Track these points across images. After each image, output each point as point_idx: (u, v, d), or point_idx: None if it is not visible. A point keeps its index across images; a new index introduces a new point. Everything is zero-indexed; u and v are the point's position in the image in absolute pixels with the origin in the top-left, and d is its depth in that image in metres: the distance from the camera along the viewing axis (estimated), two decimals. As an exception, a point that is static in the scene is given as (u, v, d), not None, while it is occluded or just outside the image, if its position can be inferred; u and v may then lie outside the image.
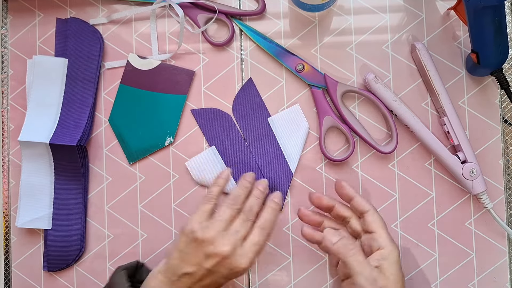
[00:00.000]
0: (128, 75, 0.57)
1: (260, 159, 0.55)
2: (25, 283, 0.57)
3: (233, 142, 0.55)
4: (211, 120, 0.55)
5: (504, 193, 0.54)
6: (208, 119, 0.55)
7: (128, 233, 0.57)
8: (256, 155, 0.55)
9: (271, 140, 0.55)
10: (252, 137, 0.55)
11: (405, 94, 0.55)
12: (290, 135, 0.54)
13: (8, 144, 0.58)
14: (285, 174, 0.54)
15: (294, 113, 0.54)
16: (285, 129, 0.54)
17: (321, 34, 0.56)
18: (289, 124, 0.54)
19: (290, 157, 0.54)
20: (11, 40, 0.59)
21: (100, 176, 0.57)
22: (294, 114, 0.54)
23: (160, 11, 0.57)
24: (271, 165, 0.54)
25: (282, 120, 0.54)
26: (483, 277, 0.54)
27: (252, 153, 0.55)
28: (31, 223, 0.56)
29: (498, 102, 0.54)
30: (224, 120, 0.55)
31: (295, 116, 0.54)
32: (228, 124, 0.55)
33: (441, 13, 0.55)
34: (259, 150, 0.55)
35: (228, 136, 0.55)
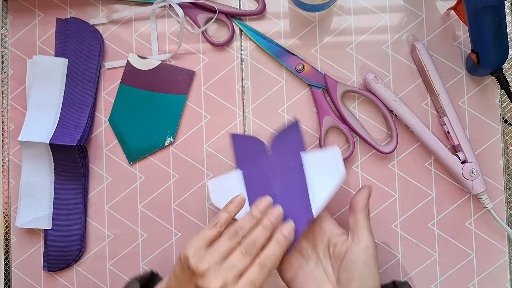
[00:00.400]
0: (128, 75, 0.57)
1: (282, 191, 0.48)
2: (25, 283, 0.57)
3: (261, 168, 0.50)
4: (246, 145, 0.51)
5: (504, 193, 0.54)
6: (244, 143, 0.52)
7: (128, 233, 0.57)
8: (280, 187, 0.49)
9: (300, 176, 0.48)
10: (280, 168, 0.49)
11: (405, 94, 0.55)
12: (321, 177, 0.48)
13: (8, 144, 0.58)
14: (305, 214, 0.46)
15: (332, 157, 0.48)
16: (318, 170, 0.48)
17: (321, 34, 0.56)
18: (324, 166, 0.48)
19: (315, 199, 0.47)
20: (11, 40, 0.59)
21: (100, 176, 0.57)
22: (333, 158, 0.48)
23: (160, 11, 0.57)
24: (292, 200, 0.48)
25: (317, 159, 0.49)
26: (483, 277, 0.54)
27: (276, 184, 0.49)
28: (31, 223, 0.56)
29: (498, 102, 0.54)
30: (257, 146, 0.51)
31: (333, 161, 0.48)
32: (260, 150, 0.51)
33: (441, 13, 0.55)
34: (284, 182, 0.49)
35: (256, 162, 0.50)
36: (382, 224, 0.55)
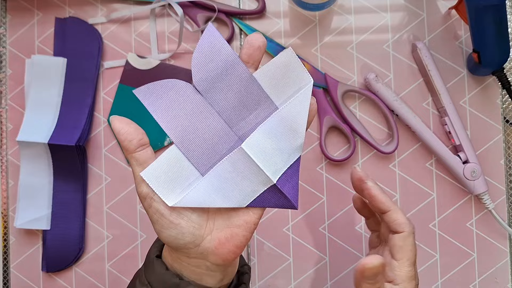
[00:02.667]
0: (127, 74, 0.56)
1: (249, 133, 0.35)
2: (24, 284, 0.57)
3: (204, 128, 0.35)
4: (164, 97, 0.34)
5: (505, 194, 0.54)
6: (159, 97, 0.34)
7: (127, 233, 0.56)
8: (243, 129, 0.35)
9: (266, 107, 0.35)
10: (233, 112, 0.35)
11: (406, 94, 0.54)
12: (288, 94, 0.35)
13: (6, 144, 0.58)
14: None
15: (287, 62, 0.35)
16: (280, 87, 0.35)
17: (321, 33, 0.56)
18: (284, 79, 0.35)
19: (296, 123, 0.35)
20: (9, 40, 0.58)
21: (99, 176, 0.57)
22: (288, 63, 0.35)
23: (159, 10, 0.57)
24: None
25: (271, 73, 0.35)
26: (484, 278, 0.54)
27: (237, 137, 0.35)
28: (29, 223, 0.56)
29: (500, 102, 0.54)
30: (181, 94, 0.34)
31: (290, 64, 0.35)
32: (188, 99, 0.34)
33: (442, 13, 0.55)
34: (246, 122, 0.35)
35: (192, 120, 0.34)
36: (382, 224, 0.54)
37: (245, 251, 0.55)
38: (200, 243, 0.35)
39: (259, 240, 0.55)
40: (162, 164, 0.34)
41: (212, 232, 0.35)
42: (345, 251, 0.55)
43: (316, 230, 0.55)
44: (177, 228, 0.34)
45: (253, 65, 0.35)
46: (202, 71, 0.34)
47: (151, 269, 0.37)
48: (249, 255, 0.55)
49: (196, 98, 0.34)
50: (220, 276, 0.37)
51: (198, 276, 0.36)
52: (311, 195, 0.55)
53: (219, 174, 0.34)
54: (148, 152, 0.34)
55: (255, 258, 0.55)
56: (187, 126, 0.34)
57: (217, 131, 0.35)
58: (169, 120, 0.34)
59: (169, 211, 0.34)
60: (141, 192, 0.34)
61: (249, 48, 0.34)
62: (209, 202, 0.34)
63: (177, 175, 0.34)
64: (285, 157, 0.35)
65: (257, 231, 0.55)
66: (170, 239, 0.34)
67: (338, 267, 0.55)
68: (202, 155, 0.35)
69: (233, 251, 0.35)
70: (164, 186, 0.34)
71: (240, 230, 0.35)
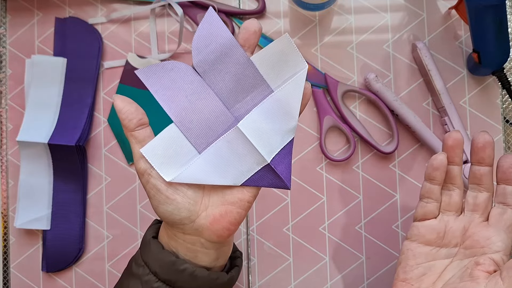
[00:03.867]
0: (127, 74, 0.56)
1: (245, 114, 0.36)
2: (24, 284, 0.57)
3: (202, 108, 0.36)
4: (165, 78, 0.36)
5: (505, 194, 0.54)
6: (160, 77, 0.36)
7: (127, 233, 0.56)
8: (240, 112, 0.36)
9: (262, 90, 0.36)
10: (230, 93, 0.36)
11: (406, 94, 0.54)
12: (283, 78, 0.36)
13: (6, 144, 0.58)
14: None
15: (284, 47, 0.36)
16: (276, 71, 0.36)
17: (321, 33, 0.56)
18: (281, 63, 0.36)
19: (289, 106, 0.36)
20: (9, 40, 0.58)
21: (99, 176, 0.57)
22: (285, 48, 0.36)
23: (159, 10, 0.57)
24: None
25: (268, 58, 0.36)
26: (485, 278, 0.54)
27: (233, 117, 0.36)
28: (29, 223, 0.56)
29: (500, 102, 0.54)
30: (181, 75, 0.36)
31: (287, 50, 0.36)
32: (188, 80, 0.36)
33: (442, 13, 0.55)
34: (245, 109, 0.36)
35: (191, 100, 0.36)
36: (382, 224, 0.54)
37: (245, 251, 0.55)
38: (195, 219, 0.36)
39: (259, 240, 0.55)
40: (161, 141, 0.35)
41: (207, 209, 0.36)
42: (345, 251, 0.55)
43: (316, 230, 0.55)
44: (173, 204, 0.35)
45: (249, 49, 0.36)
46: (201, 54, 0.35)
47: (147, 250, 0.38)
48: (249, 255, 0.55)
49: (195, 79, 0.35)
50: (215, 255, 0.38)
51: (193, 253, 0.37)
52: (311, 195, 0.55)
53: (215, 153, 0.36)
54: (147, 131, 0.36)
55: (255, 258, 0.55)
56: (186, 106, 0.36)
57: (214, 112, 0.36)
58: (169, 99, 0.35)
59: (166, 186, 0.35)
60: (140, 168, 0.36)
61: (245, 33, 0.35)
62: (205, 179, 0.36)
63: (175, 152, 0.35)
64: (279, 138, 0.36)
65: (257, 231, 0.55)
66: (166, 214, 0.36)
67: (338, 267, 0.55)
68: (199, 134, 0.36)
69: (227, 227, 0.36)
70: (162, 162, 0.35)
71: (234, 207, 0.36)
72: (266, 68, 0.36)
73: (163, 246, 0.38)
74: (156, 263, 0.37)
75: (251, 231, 0.55)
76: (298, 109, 0.36)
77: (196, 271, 0.37)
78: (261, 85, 0.36)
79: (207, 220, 0.36)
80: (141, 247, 0.40)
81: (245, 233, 0.55)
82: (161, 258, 0.37)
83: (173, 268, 0.37)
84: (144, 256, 0.38)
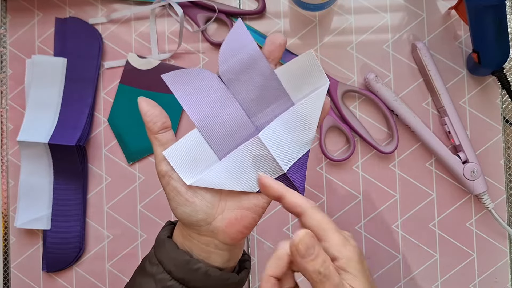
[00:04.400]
0: (128, 74, 0.56)
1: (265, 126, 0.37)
2: (24, 283, 0.57)
3: (225, 116, 0.37)
4: (190, 84, 0.36)
5: (505, 194, 0.54)
6: (185, 83, 0.36)
7: (127, 233, 0.56)
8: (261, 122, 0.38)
9: (284, 102, 0.37)
10: (253, 103, 0.37)
11: (406, 94, 0.54)
12: (305, 92, 0.37)
13: (7, 144, 0.58)
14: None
15: (307, 63, 0.37)
16: (298, 85, 0.37)
17: (321, 33, 0.56)
18: (303, 78, 0.37)
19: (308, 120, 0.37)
20: (10, 40, 0.58)
21: (99, 176, 0.57)
22: (308, 64, 0.37)
23: (159, 10, 0.57)
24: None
25: (291, 72, 0.37)
26: (484, 278, 0.54)
27: (254, 127, 0.37)
28: (30, 223, 0.56)
29: (499, 102, 0.54)
30: (207, 82, 0.36)
31: (310, 65, 0.37)
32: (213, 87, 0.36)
33: (442, 13, 0.55)
34: (264, 115, 0.37)
35: (215, 107, 0.36)
36: (382, 224, 0.54)
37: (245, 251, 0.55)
38: (211, 221, 0.37)
39: (259, 240, 0.55)
40: (183, 145, 0.36)
41: (223, 212, 0.37)
42: (345, 251, 0.55)
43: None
44: (192, 206, 0.36)
45: (273, 61, 0.37)
46: (227, 63, 0.36)
47: (162, 249, 0.39)
48: (249, 255, 0.55)
49: (220, 87, 0.36)
50: (227, 256, 0.39)
51: (206, 254, 0.38)
52: (311, 195, 0.55)
53: (235, 160, 0.37)
54: (170, 134, 0.37)
55: (255, 258, 0.55)
56: (210, 113, 0.36)
57: (237, 120, 0.37)
58: (193, 105, 0.36)
59: (185, 189, 0.36)
60: (161, 170, 0.37)
61: (271, 45, 0.36)
62: (223, 185, 0.37)
63: (196, 156, 0.36)
64: (296, 149, 0.37)
65: (257, 231, 0.55)
66: (184, 216, 0.37)
67: (338, 267, 0.55)
68: (221, 140, 0.37)
69: (241, 231, 0.37)
70: (184, 165, 0.36)
71: (249, 212, 0.37)
72: (288, 81, 0.37)
73: (177, 246, 0.39)
74: (170, 261, 0.38)
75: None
76: (316, 122, 0.37)
77: (209, 271, 0.37)
78: (283, 97, 0.37)
79: (223, 223, 0.37)
80: (155, 246, 0.40)
81: (245, 233, 0.55)
82: (175, 257, 0.38)
83: (187, 267, 0.37)
84: (159, 255, 0.39)
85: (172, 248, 0.38)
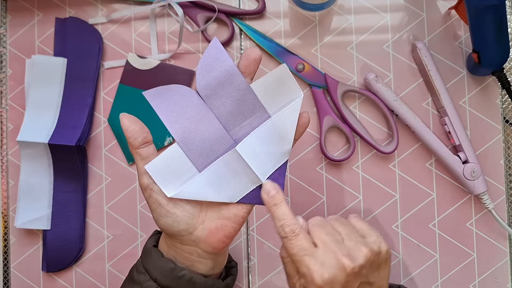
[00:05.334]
0: (128, 74, 0.56)
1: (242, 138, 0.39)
2: (24, 283, 0.57)
3: (204, 130, 0.38)
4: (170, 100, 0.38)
5: (505, 194, 0.54)
6: (165, 99, 0.38)
7: (127, 233, 0.56)
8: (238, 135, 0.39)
9: (260, 115, 0.38)
10: (230, 117, 0.38)
11: (406, 94, 0.54)
12: (280, 105, 0.39)
13: (7, 144, 0.58)
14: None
15: (281, 76, 0.38)
16: (274, 98, 0.38)
17: (321, 33, 0.56)
18: (278, 91, 0.38)
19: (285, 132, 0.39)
20: (10, 40, 0.58)
21: (99, 176, 0.57)
22: (282, 77, 0.38)
23: (159, 10, 0.57)
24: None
25: (266, 86, 0.38)
26: (484, 278, 0.54)
27: (232, 140, 0.39)
28: (30, 223, 0.56)
29: (499, 102, 0.54)
30: (186, 98, 0.38)
31: (284, 79, 0.38)
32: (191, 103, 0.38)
33: (442, 13, 0.55)
34: (243, 133, 0.39)
35: (194, 122, 0.38)
36: (382, 224, 0.54)
37: (245, 251, 0.55)
38: (193, 231, 0.39)
39: (259, 240, 0.55)
40: (164, 159, 0.38)
41: (204, 222, 0.39)
42: (345, 251, 0.55)
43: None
44: (173, 217, 0.38)
45: (249, 75, 0.38)
46: (205, 79, 0.37)
47: (148, 257, 0.40)
48: (249, 255, 0.55)
49: (198, 103, 0.38)
50: (211, 264, 0.41)
51: (190, 262, 0.40)
52: (311, 195, 0.55)
53: (214, 172, 0.38)
54: (150, 148, 0.38)
55: (255, 258, 0.55)
56: (189, 127, 0.38)
57: (215, 134, 0.38)
58: (173, 120, 0.38)
59: (166, 201, 0.38)
60: (143, 183, 0.38)
61: (246, 59, 0.38)
62: (203, 196, 0.38)
63: (176, 170, 0.38)
64: (274, 160, 0.39)
65: (257, 231, 0.55)
66: (167, 226, 0.38)
67: (338, 267, 0.55)
68: (200, 154, 0.38)
69: (222, 240, 0.39)
70: (165, 179, 0.38)
71: (229, 222, 0.39)
72: (264, 94, 0.38)
73: (163, 254, 0.40)
74: (156, 270, 0.39)
75: (251, 231, 0.55)
76: (293, 133, 0.39)
77: (193, 278, 0.39)
78: (259, 110, 0.38)
79: (204, 233, 0.39)
80: (142, 255, 0.42)
81: (245, 233, 0.55)
82: (161, 265, 0.39)
83: (172, 275, 0.39)
84: (145, 264, 0.40)
85: (157, 257, 0.40)
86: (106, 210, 0.57)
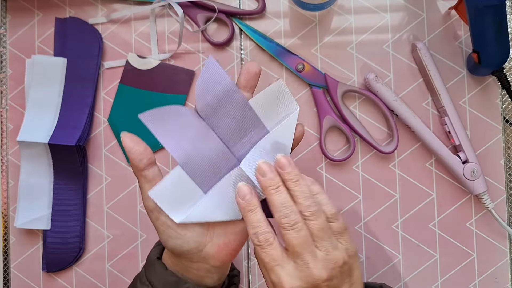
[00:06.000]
0: (128, 74, 0.56)
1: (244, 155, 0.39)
2: (24, 283, 0.57)
3: (206, 150, 0.37)
4: (169, 121, 0.36)
5: (505, 194, 0.54)
6: (164, 120, 0.36)
7: (127, 233, 0.56)
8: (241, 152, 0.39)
9: (259, 130, 0.39)
10: (231, 135, 0.38)
11: (406, 94, 0.54)
12: (278, 119, 0.39)
13: (7, 144, 0.58)
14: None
15: (278, 91, 0.39)
16: (271, 113, 0.39)
17: (321, 33, 0.56)
18: (275, 106, 0.39)
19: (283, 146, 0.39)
20: (10, 40, 0.58)
21: (99, 176, 0.57)
22: (279, 92, 0.39)
23: (159, 10, 0.57)
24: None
25: (263, 101, 0.39)
26: (484, 278, 0.54)
27: (235, 157, 0.39)
28: (30, 223, 0.56)
29: (499, 102, 0.54)
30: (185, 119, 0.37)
31: (280, 93, 0.39)
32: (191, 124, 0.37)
33: (442, 13, 0.55)
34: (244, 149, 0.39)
35: (195, 143, 0.37)
36: (382, 224, 0.54)
37: (245, 251, 0.55)
38: (202, 249, 0.39)
39: (259, 240, 0.55)
40: (168, 184, 0.37)
41: (212, 239, 0.39)
42: (345, 251, 0.55)
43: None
44: (183, 238, 0.38)
45: (250, 89, 0.39)
46: (204, 99, 0.37)
47: (152, 270, 0.40)
48: (249, 254, 0.55)
49: (198, 123, 0.37)
50: (217, 277, 0.41)
51: (199, 278, 0.40)
52: (311, 195, 0.55)
53: (219, 191, 0.38)
54: (155, 170, 0.37)
55: (255, 258, 0.55)
56: (191, 149, 0.37)
57: (218, 153, 0.38)
58: (173, 143, 0.37)
59: (176, 223, 0.37)
60: (149, 205, 0.37)
61: (247, 74, 0.38)
62: (211, 217, 0.38)
63: (182, 194, 0.37)
64: None
65: (257, 231, 0.55)
66: (177, 247, 0.38)
67: (338, 267, 0.55)
68: (204, 175, 0.38)
69: (231, 253, 0.40)
70: (171, 205, 0.37)
71: (236, 236, 0.39)
72: (262, 110, 0.38)
73: (166, 267, 0.40)
74: (160, 282, 0.39)
75: (251, 231, 0.55)
76: (290, 146, 0.39)
77: None
78: (258, 126, 0.39)
79: (213, 249, 0.39)
80: (145, 266, 0.42)
81: (245, 233, 0.55)
82: (165, 278, 0.39)
83: (175, 287, 0.39)
84: (149, 276, 0.40)
85: (161, 270, 0.40)
86: (106, 210, 0.57)
